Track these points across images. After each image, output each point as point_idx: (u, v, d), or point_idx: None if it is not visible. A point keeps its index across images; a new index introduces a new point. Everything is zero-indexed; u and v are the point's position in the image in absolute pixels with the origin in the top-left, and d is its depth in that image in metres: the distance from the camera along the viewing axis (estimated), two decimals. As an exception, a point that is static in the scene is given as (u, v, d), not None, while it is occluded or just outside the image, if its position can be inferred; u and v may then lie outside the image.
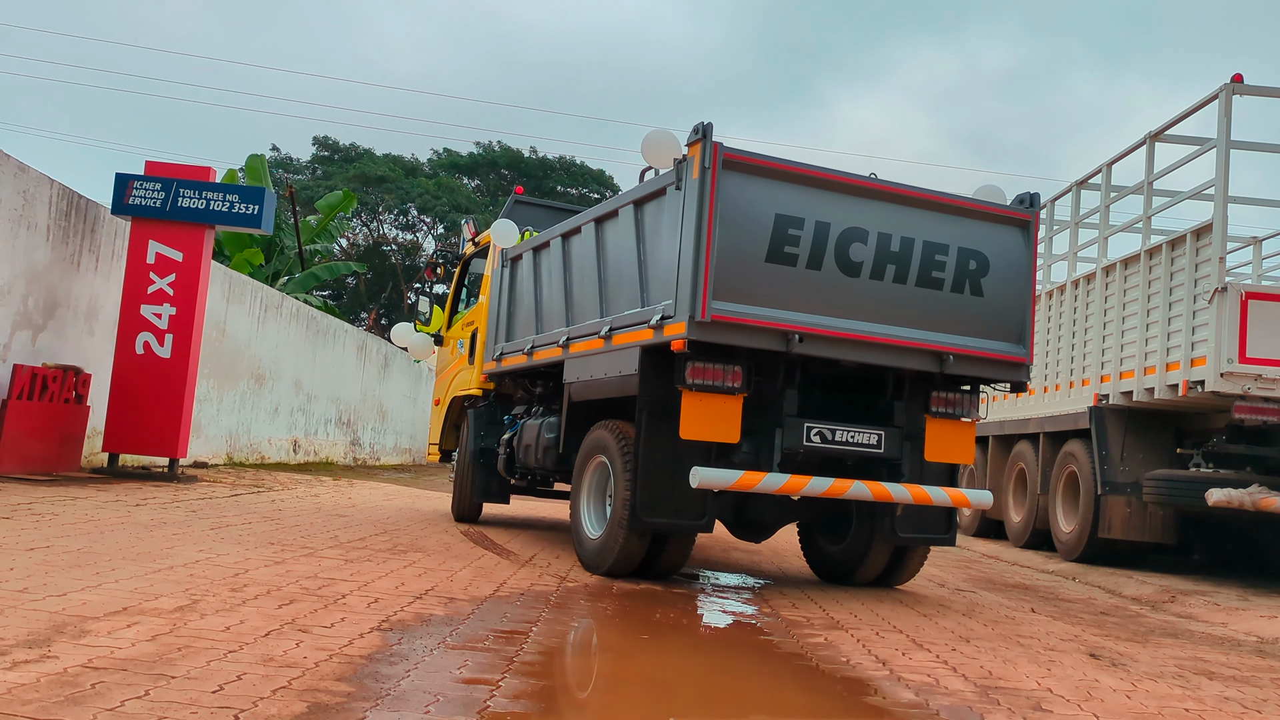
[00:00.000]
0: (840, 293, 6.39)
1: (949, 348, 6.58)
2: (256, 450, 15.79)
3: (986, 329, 6.75)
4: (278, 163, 52.56)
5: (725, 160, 6.13)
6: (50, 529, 6.17)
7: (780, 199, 6.30)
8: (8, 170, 9.34)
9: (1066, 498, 11.06)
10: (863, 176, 6.63)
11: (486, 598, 5.34)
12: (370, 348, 21.94)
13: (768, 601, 6.25)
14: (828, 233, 6.35)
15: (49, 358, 10.06)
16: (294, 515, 8.62)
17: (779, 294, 6.25)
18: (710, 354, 6.19)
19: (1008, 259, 6.81)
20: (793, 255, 6.27)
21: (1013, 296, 6.81)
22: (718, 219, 6.10)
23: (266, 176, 22.94)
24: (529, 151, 55.59)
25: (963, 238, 6.69)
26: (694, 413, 6.15)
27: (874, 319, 6.47)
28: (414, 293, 52.79)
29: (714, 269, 6.04)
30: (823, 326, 6.30)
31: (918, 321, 6.57)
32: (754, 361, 6.36)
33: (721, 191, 6.12)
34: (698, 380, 6.14)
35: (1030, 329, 6.85)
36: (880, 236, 6.46)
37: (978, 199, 6.90)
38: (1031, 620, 6.44)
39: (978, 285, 6.71)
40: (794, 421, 6.48)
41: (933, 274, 6.58)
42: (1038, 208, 7.00)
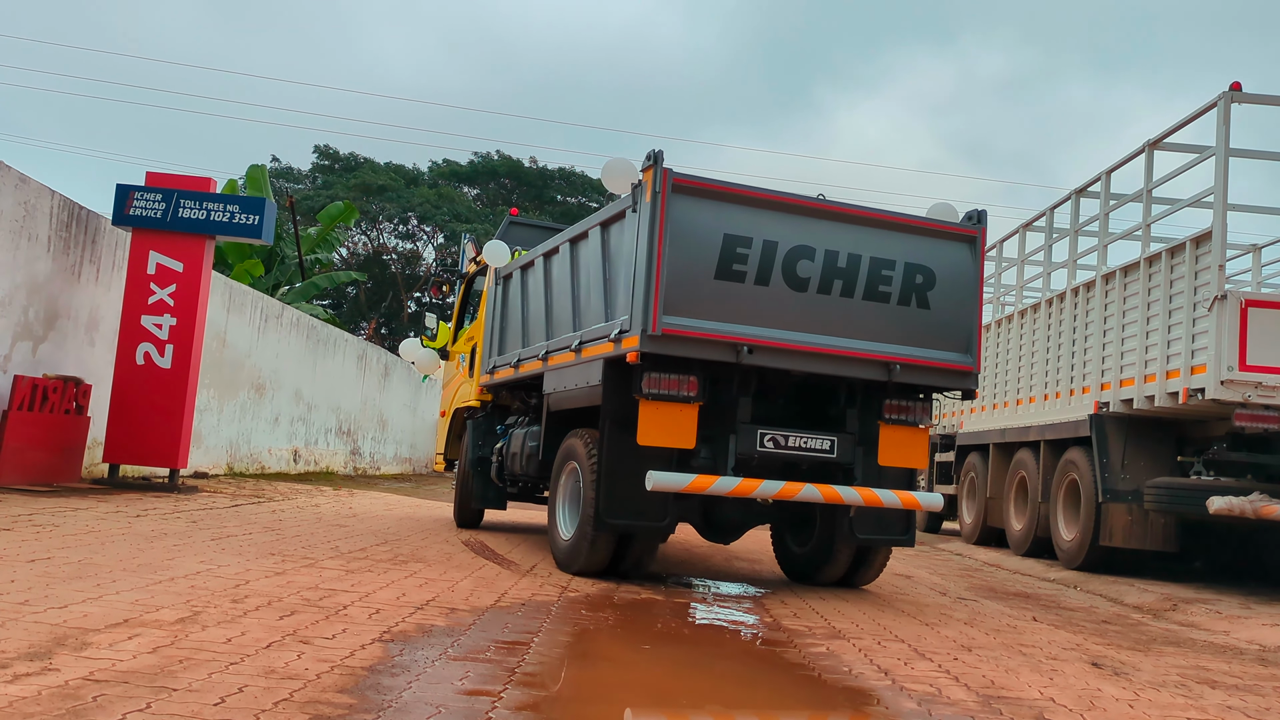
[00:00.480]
0: (788, 307, 6.76)
1: (896, 358, 6.90)
2: (257, 460, 15.78)
3: (934, 339, 7.07)
4: (278, 173, 52.64)
5: (674, 185, 6.53)
6: (51, 540, 6.17)
7: (729, 220, 6.69)
8: (9, 181, 9.35)
9: (1067, 506, 11.05)
10: (810, 198, 7.02)
11: (488, 608, 5.33)
12: (370, 357, 21.94)
13: (769, 611, 6.24)
14: (775, 250, 6.73)
15: (49, 368, 10.07)
16: (294, 525, 8.62)
17: (728, 308, 6.64)
18: (666, 365, 6.57)
19: (954, 273, 7.13)
20: (741, 272, 6.66)
21: (959, 309, 7.13)
22: (668, 239, 6.51)
23: (267, 186, 22.98)
24: (529, 161, 55.63)
25: (909, 253, 7.02)
26: (651, 420, 6.55)
27: (822, 331, 6.83)
28: (414, 302, 52.86)
29: (664, 285, 6.46)
30: (771, 339, 6.67)
31: (865, 333, 6.92)
32: (709, 372, 6.74)
33: (671, 214, 6.53)
34: (653, 390, 6.54)
35: (977, 339, 7.16)
36: (827, 253, 6.84)
37: (923, 216, 7.24)
38: (1033, 629, 6.43)
39: (924, 298, 7.04)
40: (748, 428, 6.87)
41: (879, 288, 6.94)
42: (984, 225, 7.29)
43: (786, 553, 8.16)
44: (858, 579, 7.77)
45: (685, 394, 6.60)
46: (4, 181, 9.28)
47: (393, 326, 52.86)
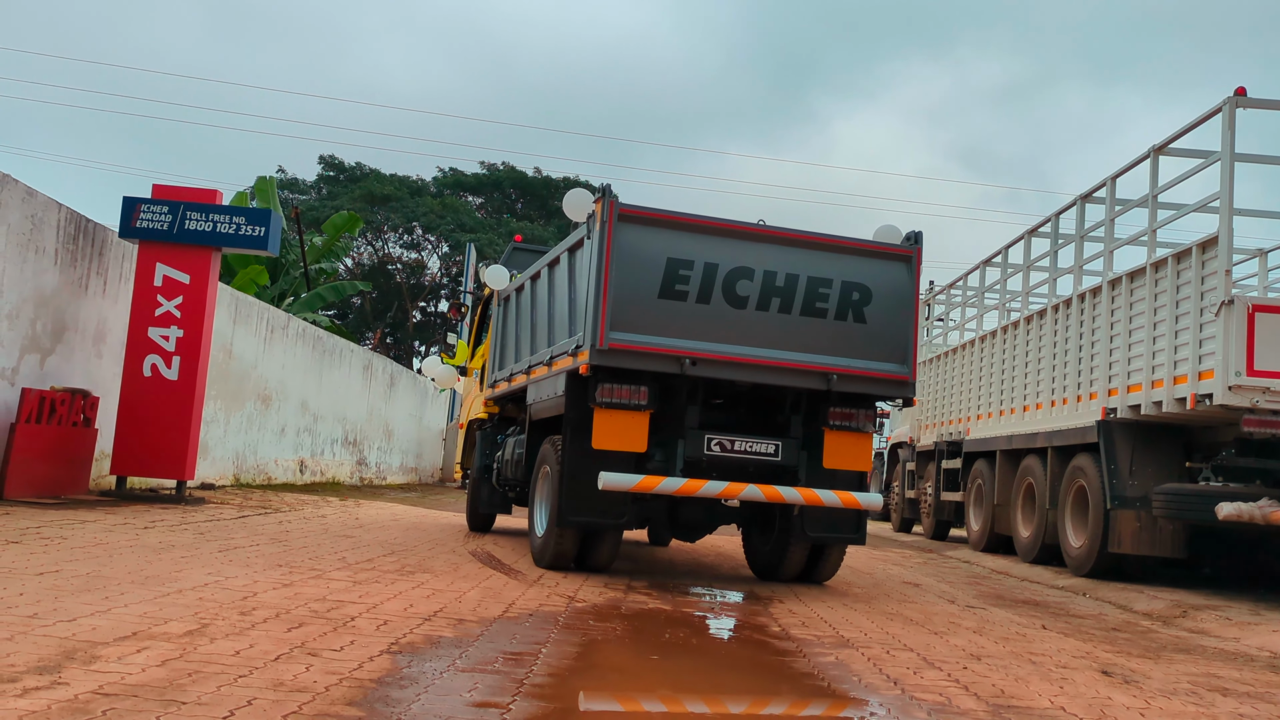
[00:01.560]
0: (729, 322, 7.42)
1: (834, 368, 7.50)
2: (263, 471, 15.79)
3: (871, 351, 7.66)
4: (284, 184, 52.73)
5: (620, 214, 7.23)
6: (59, 553, 6.18)
7: (672, 245, 7.38)
8: (15, 194, 9.39)
9: (1075, 512, 11.01)
10: (749, 223, 7.66)
11: (495, 619, 5.33)
12: (376, 367, 21.96)
13: (777, 620, 6.22)
14: (716, 272, 7.40)
15: (57, 381, 10.09)
16: (301, 536, 8.62)
17: (672, 324, 7.32)
18: (619, 376, 7.24)
19: (891, 289, 7.75)
20: (683, 291, 7.35)
21: (896, 323, 7.73)
22: (614, 263, 7.20)
23: (275, 198, 23.06)
24: (533, 171, 55.71)
25: (846, 272, 7.65)
26: (604, 426, 7.21)
27: (762, 344, 7.45)
28: (419, 311, 52.92)
29: (611, 304, 7.17)
30: (713, 352, 7.31)
31: (803, 346, 7.53)
32: (660, 382, 7.38)
33: (617, 240, 7.21)
34: (606, 398, 7.20)
35: (913, 350, 7.73)
36: (766, 273, 7.49)
37: (858, 238, 7.87)
38: (1043, 637, 6.41)
39: (861, 313, 7.66)
40: (695, 433, 7.55)
41: (816, 304, 7.57)
42: (920, 245, 7.86)
43: (753, 551, 8.76)
44: (815, 575, 8.33)
45: (637, 402, 7.26)
46: (11, 195, 9.31)
47: (398, 336, 52.91)
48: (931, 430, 16.92)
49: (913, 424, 18.15)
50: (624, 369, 7.23)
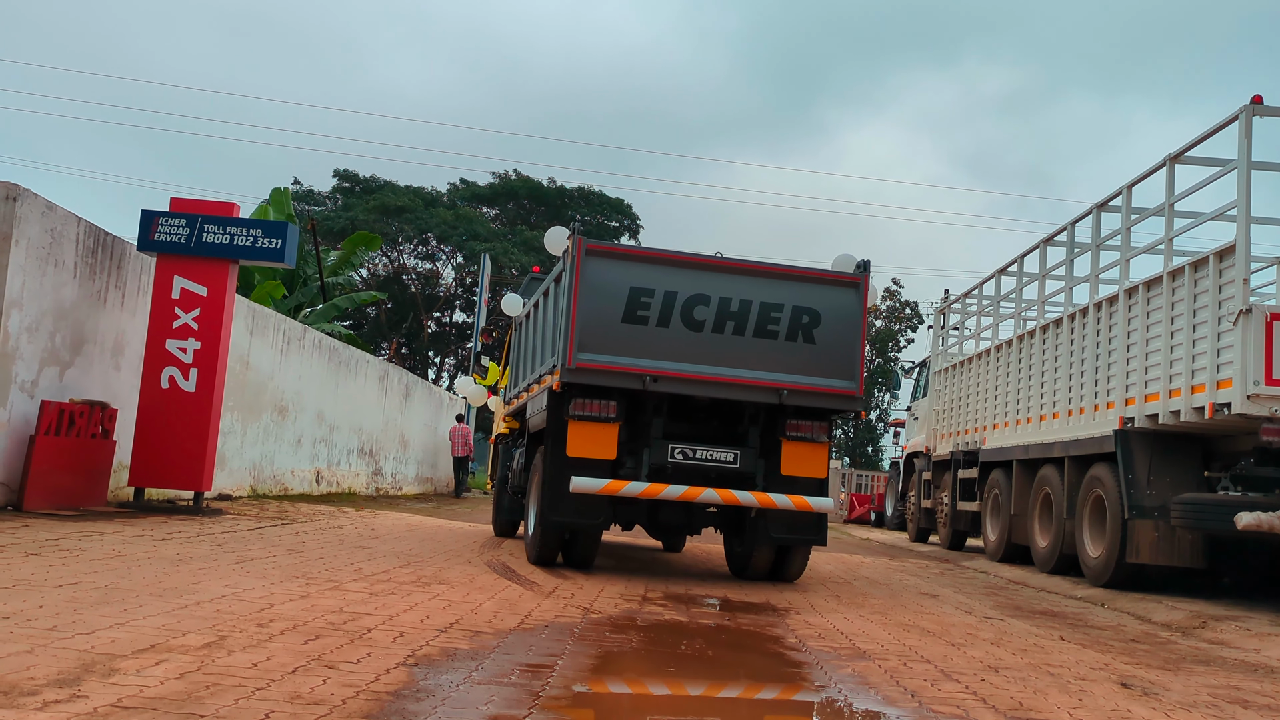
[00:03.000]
0: (687, 344, 8.27)
1: (784, 384, 8.29)
2: (280, 482, 15.85)
3: (820, 369, 8.43)
4: (300, 195, 53.00)
5: (588, 250, 8.25)
6: (78, 565, 6.21)
7: (634, 275, 8.29)
8: (35, 209, 9.47)
9: (1093, 522, 10.95)
10: (705, 255, 8.55)
11: (512, 630, 5.33)
12: (392, 378, 22.03)
13: (794, 631, 6.21)
14: (675, 299, 8.28)
15: (76, 393, 10.16)
16: (318, 547, 8.64)
17: (635, 346, 8.19)
18: (591, 392, 8.15)
19: (839, 313, 8.52)
20: (645, 317, 8.24)
21: (844, 343, 8.51)
22: (582, 293, 8.16)
23: (290, 209, 23.18)
24: (547, 181, 55.83)
25: (797, 298, 8.46)
26: (577, 436, 8.13)
27: (717, 363, 8.29)
28: (433, 322, 53.03)
29: (579, 329, 8.10)
30: (672, 370, 8.19)
31: (756, 364, 8.34)
32: (628, 398, 8.27)
33: (585, 273, 8.19)
34: (579, 412, 8.12)
35: (860, 368, 8.56)
36: (721, 300, 8.34)
37: (808, 267, 8.71)
38: (1061, 648, 6.37)
39: (810, 335, 8.44)
40: (660, 443, 8.41)
41: (768, 327, 8.38)
42: (867, 273, 8.66)
43: (730, 553, 9.66)
44: (784, 574, 9.09)
45: (606, 415, 8.16)
46: (31, 209, 9.40)
47: (413, 346, 53.04)
48: (947, 440, 16.86)
49: (928, 433, 18.09)
50: (596, 385, 8.13)
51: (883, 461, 54.78)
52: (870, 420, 58.81)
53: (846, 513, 30.40)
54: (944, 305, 18.56)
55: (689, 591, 7.96)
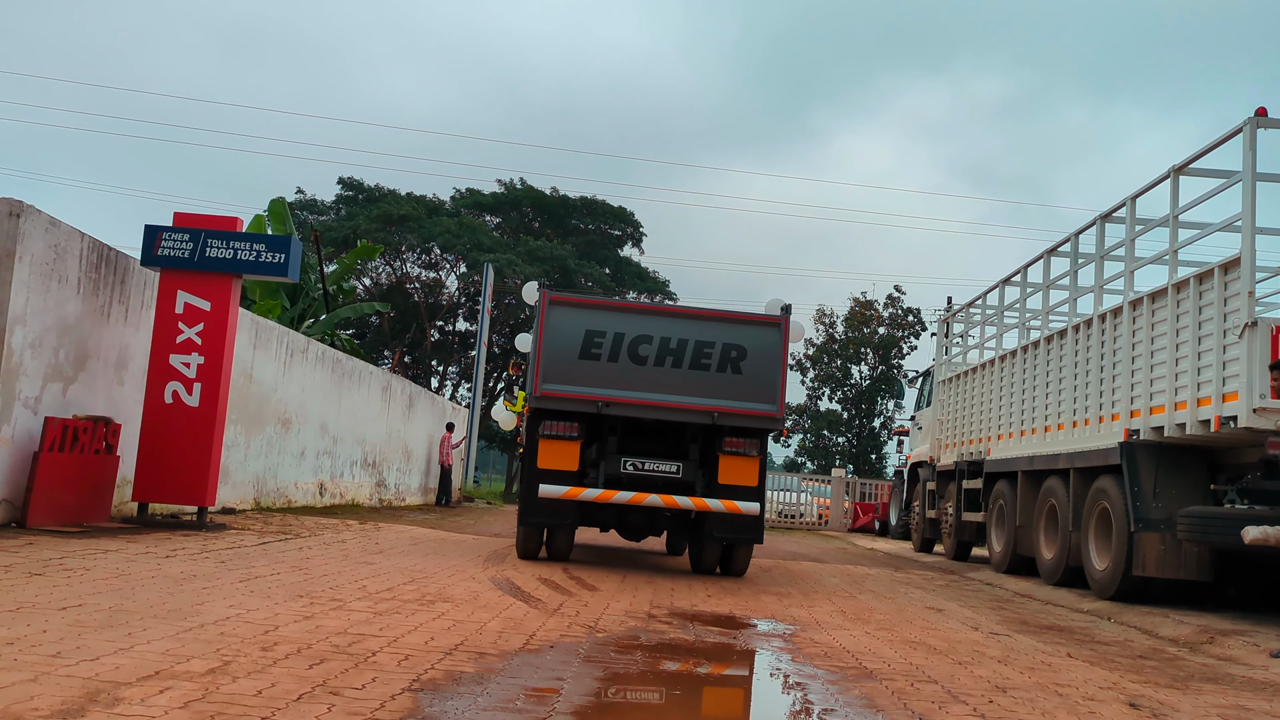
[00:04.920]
0: (633, 376, 10.06)
1: (716, 408, 10.03)
2: (283, 494, 15.83)
3: (747, 395, 10.09)
4: (303, 205, 53.07)
5: (551, 300, 10.19)
6: (81, 585, 6.20)
7: (589, 320, 10.17)
8: (39, 225, 9.47)
9: (1099, 534, 10.92)
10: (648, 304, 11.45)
11: (517, 651, 5.31)
12: (395, 388, 22.01)
13: (800, 650, 6.18)
14: (623, 339, 10.09)
15: (79, 409, 10.15)
16: (322, 564, 8.62)
17: (590, 378, 10.04)
18: (557, 415, 10.09)
19: (763, 348, 10.17)
20: (597, 354, 10.07)
21: (767, 374, 10.13)
22: (546, 335, 10.10)
23: (289, 220, 23.18)
24: (550, 190, 55.88)
25: (726, 336, 10.16)
26: (546, 452, 10.09)
27: (660, 391, 10.05)
28: (436, 331, 53.03)
29: (543, 364, 10.06)
30: (621, 397, 10.01)
31: (693, 392, 10.07)
32: (587, 420, 10.18)
33: (549, 319, 10.14)
34: (547, 431, 10.08)
35: (781, 394, 10.12)
36: (661, 339, 10.11)
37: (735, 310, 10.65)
38: (1069, 666, 6.34)
39: (738, 367, 10.11)
40: (613, 457, 10.30)
41: (702, 360, 10.09)
42: (788, 315, 10.32)
43: (690, 550, 11.59)
44: (729, 569, 10.69)
45: (569, 434, 10.06)
46: (34, 225, 9.40)
47: (416, 355, 53.03)
48: (952, 450, 16.83)
49: (933, 443, 18.06)
50: (560, 410, 10.04)
51: (886, 469, 54.74)
52: (874, 428, 58.78)
53: (851, 521, 30.33)
54: (948, 315, 18.54)
55: (694, 607, 7.94)
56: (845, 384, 59.12)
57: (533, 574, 9.38)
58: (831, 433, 59.35)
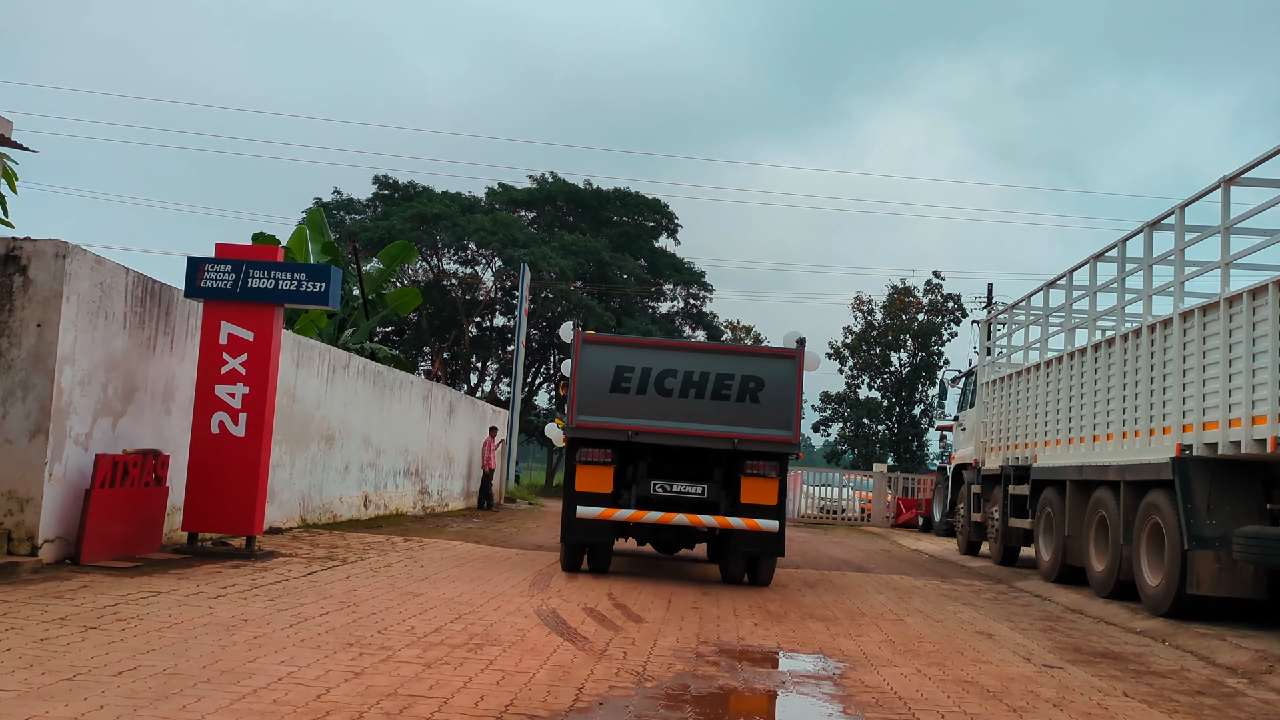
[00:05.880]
0: (660, 406, 11.14)
1: (736, 435, 11.04)
2: (328, 510, 15.98)
3: (764, 422, 11.08)
4: (340, 204, 53.45)
5: (585, 340, 11.39)
6: (136, 640, 6.26)
7: (619, 356, 11.34)
8: (84, 264, 9.58)
9: (1150, 550, 10.74)
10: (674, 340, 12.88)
11: (567, 712, 5.30)
12: (435, 396, 22.13)
13: (851, 699, 6.13)
14: (650, 374, 11.16)
15: (128, 442, 10.28)
16: (369, 598, 8.67)
17: (621, 409, 11.14)
18: (592, 444, 11.18)
19: (779, 379, 11.16)
20: (627, 387, 11.17)
21: (782, 402, 11.13)
22: (580, 371, 11.24)
23: (327, 229, 23.35)
24: (584, 184, 55.82)
25: (745, 368, 11.20)
26: (583, 476, 11.18)
27: (685, 420, 11.10)
28: (474, 326, 53.25)
29: (578, 398, 11.19)
30: (649, 426, 11.11)
31: (714, 420, 11.07)
32: (619, 448, 11.25)
33: (583, 357, 11.30)
34: (584, 458, 11.17)
35: (796, 421, 11.12)
36: (685, 373, 11.15)
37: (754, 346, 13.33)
38: (1126, 711, 6.23)
39: (756, 397, 11.12)
40: (644, 480, 11.43)
41: (722, 391, 11.11)
42: (802, 348, 11.39)
43: (720, 563, 12.27)
44: (755, 579, 11.60)
45: (604, 460, 11.14)
46: (80, 266, 9.50)
47: (455, 351, 53.28)
48: (997, 454, 16.64)
49: (977, 446, 17.87)
50: (594, 439, 11.15)
51: (928, 457, 54.34)
52: (914, 415, 58.34)
53: (894, 517, 30.15)
54: (991, 315, 18.31)
55: (741, 641, 7.90)
56: (885, 371, 58.73)
57: (577, 601, 9.38)
58: (871, 421, 59.00)
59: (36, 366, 9.22)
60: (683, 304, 56.11)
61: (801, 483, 31.28)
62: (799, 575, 13.49)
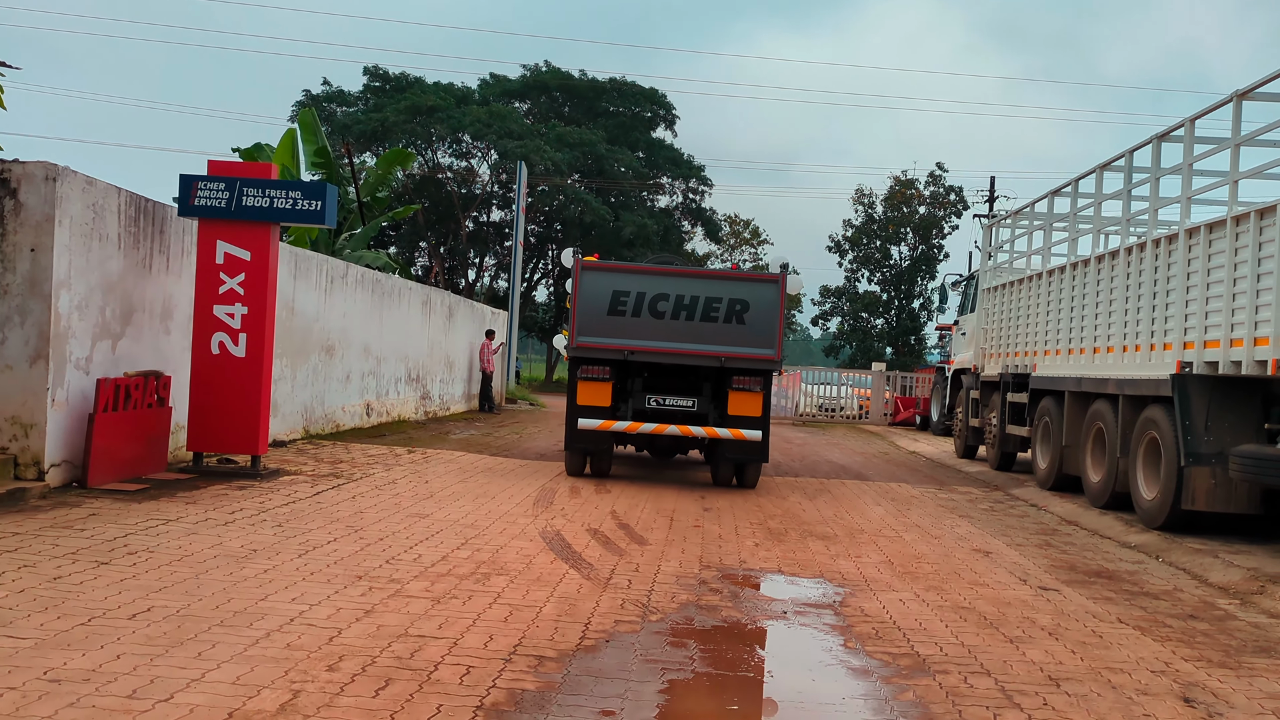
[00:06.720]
0: (654, 328, 12.15)
1: (724, 353, 12.09)
2: (331, 420, 16.08)
3: (749, 342, 12.12)
4: (330, 96, 52.40)
5: (584, 266, 12.29)
6: (148, 577, 6.35)
7: (617, 282, 12.32)
8: (76, 186, 9.43)
9: (1147, 463, 10.86)
10: (666, 266, 13.23)
11: (574, 651, 5.42)
12: (434, 301, 22.06)
13: (852, 629, 6.27)
14: (644, 298, 12.15)
15: (129, 363, 10.27)
16: (376, 523, 8.78)
17: (617, 330, 12.16)
18: (591, 362, 12.20)
19: (763, 302, 12.16)
20: (623, 310, 12.16)
21: (766, 324, 12.14)
22: (580, 296, 12.22)
23: (320, 131, 22.92)
24: (579, 73, 54.63)
25: (731, 292, 12.22)
26: (584, 391, 12.20)
27: (676, 340, 12.13)
28: (471, 221, 52.78)
29: (578, 320, 12.18)
30: (644, 346, 12.13)
31: (703, 340, 12.12)
32: (616, 365, 12.26)
33: (583, 282, 12.26)
34: (584, 374, 12.20)
35: (779, 341, 12.15)
36: (676, 297, 12.14)
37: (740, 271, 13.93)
38: (1120, 638, 6.37)
39: (742, 318, 12.11)
40: (639, 394, 12.52)
41: (711, 314, 12.10)
42: (785, 272, 12.45)
43: (711, 468, 13.21)
44: (743, 482, 12.68)
45: (602, 376, 12.15)
46: (71, 188, 9.35)
47: (451, 246, 52.90)
48: (996, 360, 16.68)
49: (976, 351, 17.90)
50: (590, 358, 12.18)
51: (926, 351, 54.51)
52: (913, 309, 58.30)
53: (892, 415, 30.41)
54: (995, 220, 18.12)
55: (743, 565, 8.04)
56: (885, 265, 58.51)
57: (581, 522, 9.51)
58: (870, 314, 59.03)
59: (33, 292, 9.16)
60: (681, 199, 55.57)
61: (801, 381, 31.46)
62: (799, 485, 13.67)
